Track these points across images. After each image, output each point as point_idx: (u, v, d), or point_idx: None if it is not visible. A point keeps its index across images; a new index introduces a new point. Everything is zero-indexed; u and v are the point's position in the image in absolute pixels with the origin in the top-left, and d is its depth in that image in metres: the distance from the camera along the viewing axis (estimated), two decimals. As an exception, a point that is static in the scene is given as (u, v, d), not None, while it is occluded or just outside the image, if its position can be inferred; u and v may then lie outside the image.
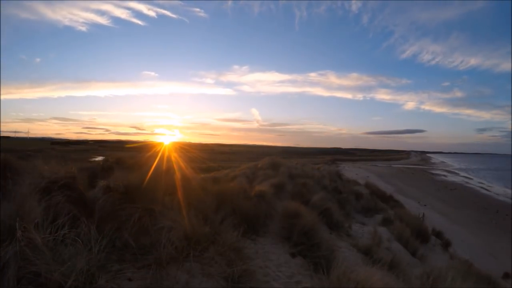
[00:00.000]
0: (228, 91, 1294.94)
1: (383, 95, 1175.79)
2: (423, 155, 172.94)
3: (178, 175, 4.03)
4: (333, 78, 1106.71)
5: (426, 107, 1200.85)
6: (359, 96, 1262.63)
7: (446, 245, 9.34)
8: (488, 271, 6.93)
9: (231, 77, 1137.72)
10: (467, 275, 4.50)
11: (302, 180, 8.60)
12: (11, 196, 2.30)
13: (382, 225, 7.81)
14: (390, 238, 6.44)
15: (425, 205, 20.81)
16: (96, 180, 3.06)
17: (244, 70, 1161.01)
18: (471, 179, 45.17)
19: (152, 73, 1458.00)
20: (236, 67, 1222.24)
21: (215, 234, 2.91)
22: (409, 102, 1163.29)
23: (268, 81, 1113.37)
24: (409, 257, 5.94)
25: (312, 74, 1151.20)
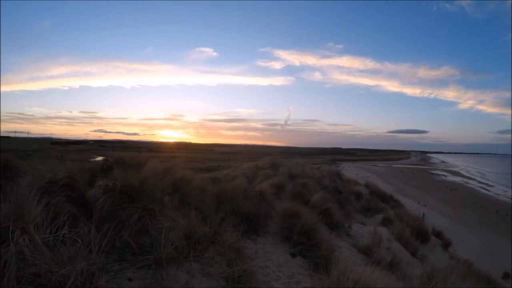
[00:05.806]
0: (285, 80, 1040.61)
1: (449, 92, 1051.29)
2: (423, 155, 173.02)
3: (178, 174, 4.03)
4: (421, 71, 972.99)
5: (481, 107, 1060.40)
6: (427, 92, 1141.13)
7: (446, 245, 9.33)
8: (488, 271, 6.94)
9: (309, 59, 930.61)
10: (467, 275, 4.51)
11: (302, 180, 8.58)
12: (11, 196, 2.29)
13: (382, 225, 7.79)
14: (390, 238, 6.43)
15: (425, 205, 20.82)
16: (96, 180, 3.06)
17: (336, 50, 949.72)
18: (471, 178, 45.31)
19: (209, 50, 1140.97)
20: (329, 44, 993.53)
21: (215, 234, 2.92)
22: (468, 101, 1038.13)
23: (350, 68, 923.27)
24: (409, 257, 5.94)
25: (404, 66, 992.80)
